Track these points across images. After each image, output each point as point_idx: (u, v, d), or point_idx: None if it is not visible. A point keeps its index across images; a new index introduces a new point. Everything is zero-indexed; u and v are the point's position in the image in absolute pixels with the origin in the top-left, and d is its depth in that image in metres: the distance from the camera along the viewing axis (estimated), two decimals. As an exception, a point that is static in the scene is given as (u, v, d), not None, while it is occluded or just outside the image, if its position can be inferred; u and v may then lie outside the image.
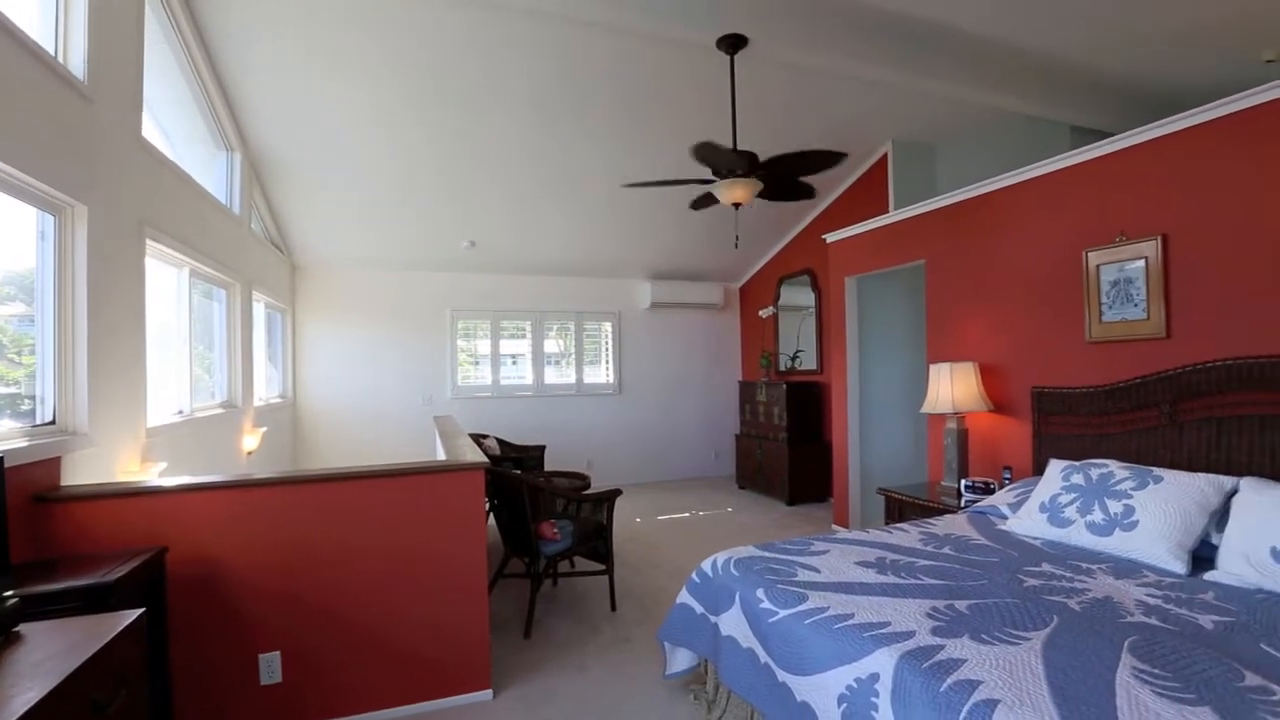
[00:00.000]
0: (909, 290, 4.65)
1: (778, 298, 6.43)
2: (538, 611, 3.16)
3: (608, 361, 6.75)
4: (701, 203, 3.45)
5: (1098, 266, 2.89)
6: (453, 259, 5.86)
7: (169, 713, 1.95)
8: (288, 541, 2.15)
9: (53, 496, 1.91)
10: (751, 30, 3.04)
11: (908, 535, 2.53)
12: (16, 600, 1.23)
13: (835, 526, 4.66)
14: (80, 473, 2.08)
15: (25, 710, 0.94)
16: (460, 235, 5.43)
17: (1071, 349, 3.03)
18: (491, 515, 3.48)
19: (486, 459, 2.49)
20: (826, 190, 5.49)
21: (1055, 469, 2.66)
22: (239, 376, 3.92)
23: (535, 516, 2.96)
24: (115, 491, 1.99)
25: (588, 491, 3.71)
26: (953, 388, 3.32)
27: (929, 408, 3.47)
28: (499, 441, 4.99)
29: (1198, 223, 2.55)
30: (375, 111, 3.74)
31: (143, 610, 1.36)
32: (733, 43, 3.07)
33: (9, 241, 1.98)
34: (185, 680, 2.03)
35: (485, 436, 4.79)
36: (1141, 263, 2.71)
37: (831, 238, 4.71)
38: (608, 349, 6.75)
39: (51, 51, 2.03)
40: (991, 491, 3.13)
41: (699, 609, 2.25)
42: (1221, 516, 2.12)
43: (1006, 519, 2.67)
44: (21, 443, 1.82)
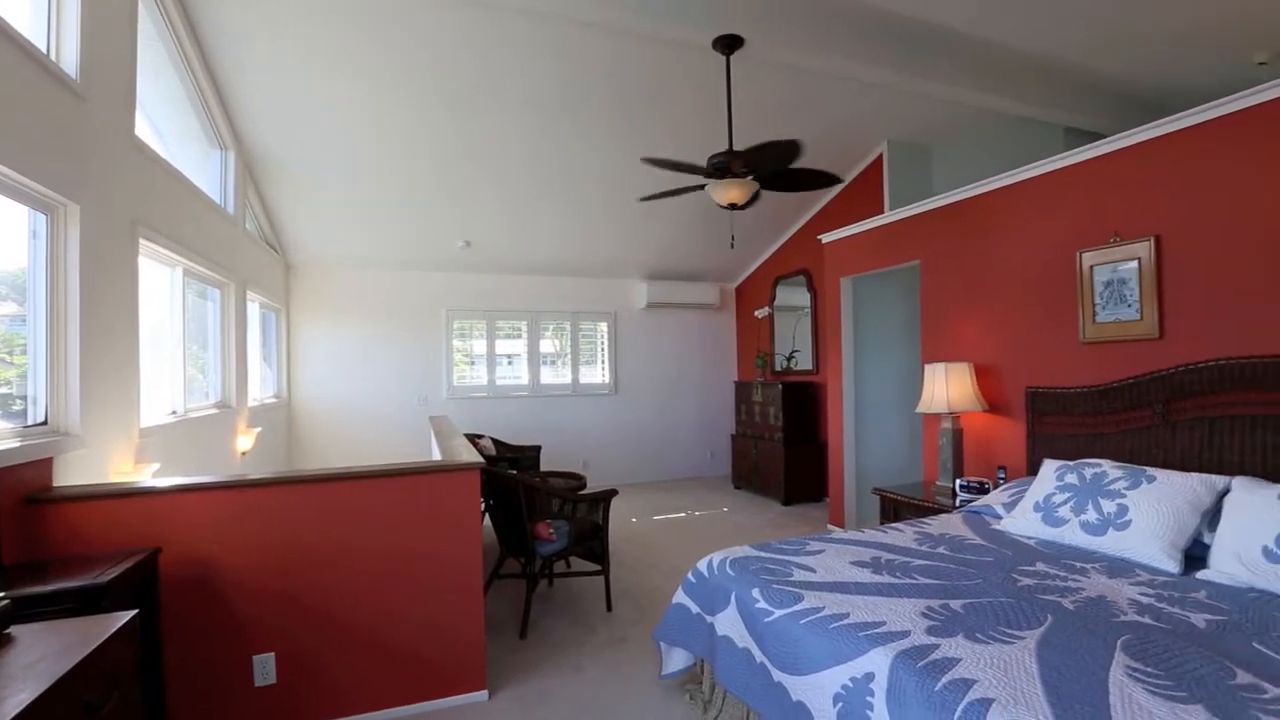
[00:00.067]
0: (904, 290, 4.66)
1: (773, 298, 6.44)
2: (534, 612, 3.16)
3: (604, 361, 6.75)
4: (654, 196, 3.35)
5: (1091, 267, 2.90)
6: (448, 259, 5.85)
7: (162, 714, 1.95)
8: (282, 542, 2.14)
9: (45, 497, 1.90)
10: (748, 31, 3.04)
11: (903, 535, 2.53)
12: (8, 602, 1.22)
13: (831, 526, 4.67)
14: (73, 473, 2.07)
15: (17, 713, 0.93)
16: (456, 235, 5.42)
17: (1065, 349, 3.05)
18: (487, 515, 3.47)
19: (482, 459, 2.48)
20: (822, 191, 5.50)
21: (1049, 469, 2.67)
22: (233, 377, 3.90)
23: (531, 517, 2.95)
24: (108, 492, 1.98)
25: (584, 491, 3.72)
26: (948, 388, 3.33)
27: (924, 408, 3.48)
28: (495, 442, 4.98)
29: (1190, 224, 2.56)
30: (371, 110, 3.73)
31: (136, 612, 1.35)
32: (729, 43, 3.07)
33: (0, 241, 1.96)
34: (179, 682, 2.02)
35: (481, 436, 4.78)
36: (1135, 263, 2.73)
37: (827, 238, 4.72)
38: (604, 349, 6.75)
39: (44, 49, 2.01)
40: (986, 491, 3.14)
41: (695, 609, 2.25)
42: (1214, 516, 2.14)
43: (1001, 518, 2.69)
44: (13, 443, 1.81)
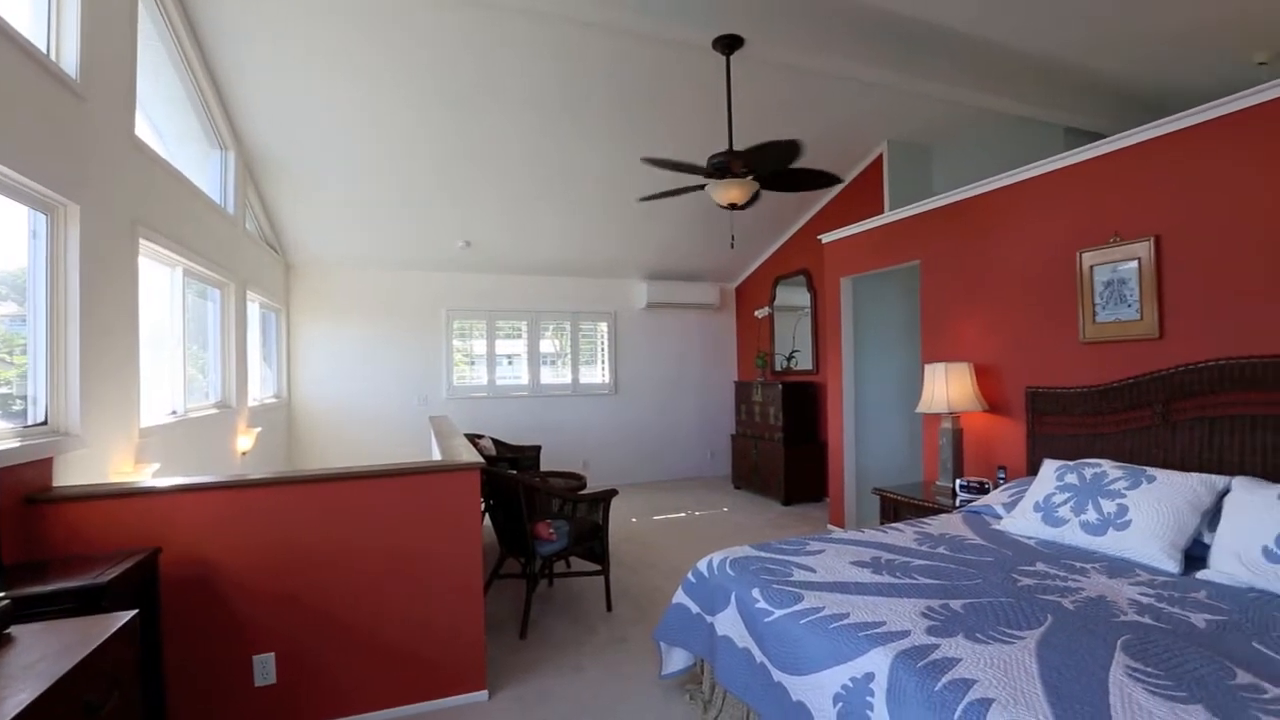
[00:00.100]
0: (904, 290, 4.66)
1: (773, 298, 6.44)
2: (533, 612, 3.16)
3: (604, 361, 6.75)
4: (654, 196, 3.35)
5: (1091, 267, 2.90)
6: (448, 259, 5.85)
7: (162, 715, 1.95)
8: (282, 542, 2.14)
9: (44, 497, 1.90)
10: (748, 31, 3.04)
11: (903, 535, 2.53)
12: (8, 602, 1.22)
13: (831, 526, 4.67)
14: (73, 474, 2.07)
15: (17, 712, 0.93)
16: (456, 235, 5.42)
17: (1065, 349, 3.05)
18: (487, 515, 3.47)
19: (482, 459, 2.48)
20: (822, 191, 5.50)
21: (1049, 469, 2.67)
22: (233, 377, 3.90)
23: (531, 517, 2.95)
24: (108, 492, 1.98)
25: (584, 491, 3.71)
26: (948, 388, 3.33)
27: (924, 408, 3.48)
28: (495, 442, 4.98)
29: (1190, 224, 2.56)
30: (371, 110, 3.73)
31: (136, 612, 1.35)
32: (729, 43, 3.07)
33: (0, 240, 1.96)
34: (179, 682, 2.02)
35: (481, 436, 4.78)
36: (1134, 263, 2.73)
37: (827, 238, 4.72)
38: (604, 349, 6.74)
39: (44, 49, 2.01)
40: (986, 491, 3.14)
41: (695, 609, 2.25)
42: (1214, 516, 2.14)
43: (1001, 518, 2.69)
44: (13, 443, 1.81)
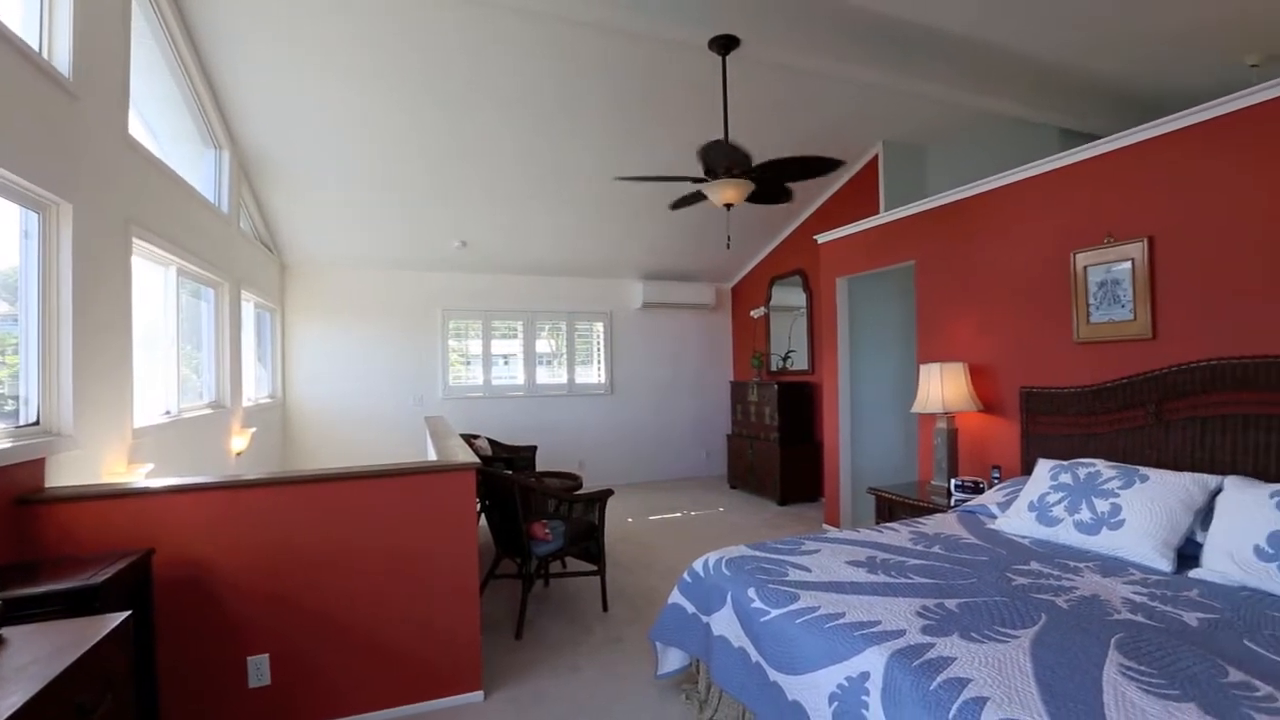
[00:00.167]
0: (899, 291, 4.67)
1: (769, 298, 6.45)
2: (529, 612, 3.15)
3: (599, 362, 6.74)
4: (681, 203, 3.41)
5: (1085, 268, 2.92)
6: (444, 258, 5.83)
7: (155, 717, 1.93)
8: (276, 543, 2.13)
9: (36, 498, 1.89)
10: (743, 31, 3.04)
11: (898, 535, 2.54)
12: (0, 604, 1.21)
13: (826, 526, 4.68)
14: (65, 474, 2.06)
15: (9, 715, 0.92)
16: (451, 235, 5.41)
17: (1059, 349, 3.06)
18: (483, 516, 3.47)
19: (478, 459, 2.48)
20: (817, 191, 5.52)
21: (1043, 468, 2.68)
22: (227, 377, 3.88)
23: (527, 517, 2.95)
24: (101, 493, 1.97)
25: (579, 492, 3.71)
26: (942, 388, 3.34)
27: (919, 408, 3.49)
28: (490, 442, 4.97)
29: (1184, 225, 2.58)
30: (365, 110, 3.72)
31: (129, 613, 1.35)
32: (724, 43, 3.07)
33: (-8, 240, 1.95)
34: (172, 683, 2.01)
35: (476, 437, 4.77)
36: (1128, 264, 2.74)
37: (823, 238, 4.73)
38: (599, 349, 6.74)
39: (36, 48, 2.00)
40: (981, 491, 3.15)
41: (691, 609, 2.25)
42: (1206, 515, 2.15)
43: (995, 518, 2.70)
44: (5, 444, 1.79)
